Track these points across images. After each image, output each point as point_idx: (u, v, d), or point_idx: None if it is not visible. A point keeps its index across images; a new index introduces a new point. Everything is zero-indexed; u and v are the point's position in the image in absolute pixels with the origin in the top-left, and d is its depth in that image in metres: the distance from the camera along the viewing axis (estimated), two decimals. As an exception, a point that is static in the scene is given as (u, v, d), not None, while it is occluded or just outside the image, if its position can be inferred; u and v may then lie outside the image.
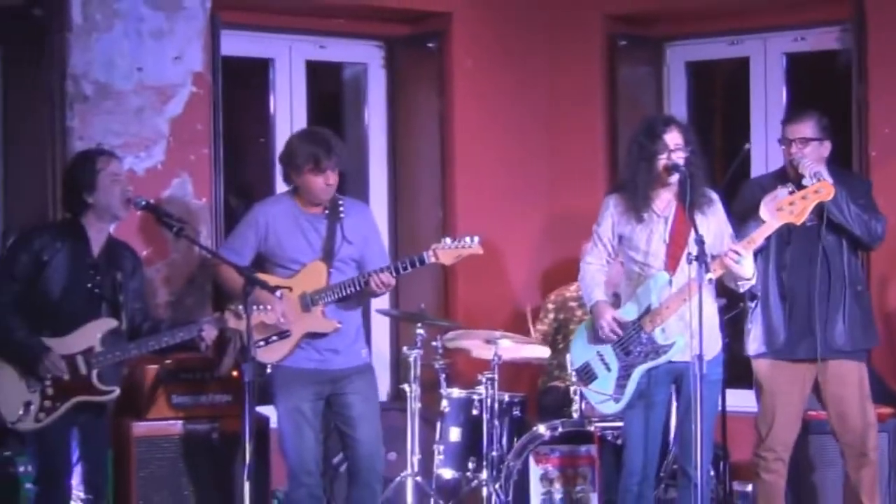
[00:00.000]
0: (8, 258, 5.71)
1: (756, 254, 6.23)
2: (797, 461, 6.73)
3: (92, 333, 5.67)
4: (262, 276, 6.05)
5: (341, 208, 6.27)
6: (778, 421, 6.40)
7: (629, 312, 6.10)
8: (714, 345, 6.06)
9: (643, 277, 6.09)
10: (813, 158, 6.23)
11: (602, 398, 6.16)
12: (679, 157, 5.93)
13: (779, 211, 5.86)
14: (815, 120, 6.32)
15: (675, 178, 5.95)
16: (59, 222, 6.00)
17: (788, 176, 6.27)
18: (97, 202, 5.69)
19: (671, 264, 6.02)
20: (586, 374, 6.25)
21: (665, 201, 6.07)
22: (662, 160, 5.93)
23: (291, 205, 6.25)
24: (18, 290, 5.61)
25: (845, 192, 6.13)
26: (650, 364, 6.05)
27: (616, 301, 6.30)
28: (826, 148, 6.32)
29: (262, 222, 6.22)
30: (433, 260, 6.16)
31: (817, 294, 6.28)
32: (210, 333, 5.80)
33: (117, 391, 5.74)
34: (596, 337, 6.16)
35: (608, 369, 6.15)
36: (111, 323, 5.72)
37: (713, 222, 6.04)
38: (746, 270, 5.91)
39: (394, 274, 6.13)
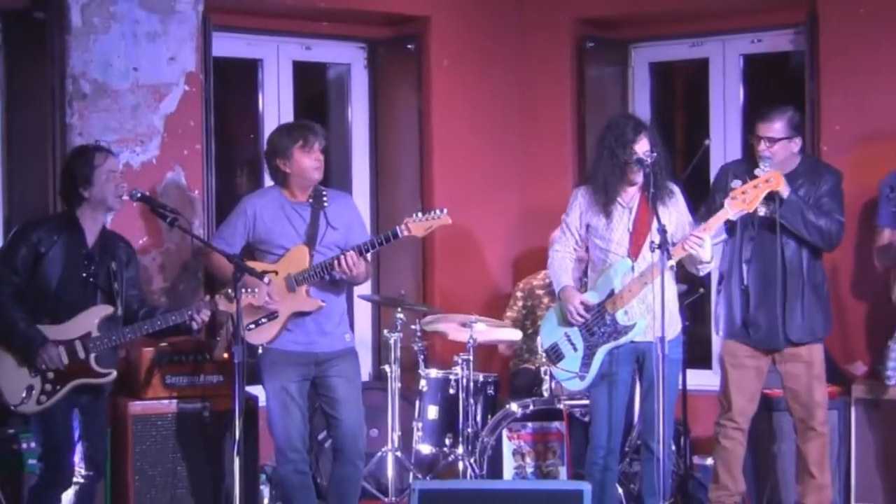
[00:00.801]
0: (8, 251, 5.68)
1: (725, 245, 6.31)
2: (757, 435, 6.78)
3: (90, 320, 5.67)
4: (251, 262, 6.08)
5: (325, 198, 6.27)
6: (737, 395, 6.44)
7: (594, 296, 6.14)
8: (674, 326, 6.11)
9: (608, 264, 6.13)
10: (781, 156, 6.24)
11: (569, 376, 6.23)
12: (647, 162, 5.95)
13: (732, 200, 5.91)
14: (786, 119, 6.29)
15: (640, 176, 5.99)
16: (55, 215, 5.98)
17: (756, 163, 6.29)
18: (93, 196, 5.68)
19: (633, 252, 6.07)
20: (555, 354, 6.30)
21: (630, 194, 6.11)
22: (632, 166, 5.98)
23: (278, 196, 6.25)
24: (20, 282, 5.59)
25: (800, 204, 6.14)
26: (613, 344, 6.10)
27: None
28: (796, 144, 6.32)
29: (250, 213, 6.22)
30: (406, 233, 6.12)
31: (776, 289, 6.29)
32: (201, 316, 5.79)
33: (114, 374, 5.74)
34: (564, 319, 6.20)
35: (574, 349, 6.20)
36: (107, 309, 5.71)
37: (674, 213, 6.09)
38: (705, 254, 5.96)
39: (361, 254, 6.10)
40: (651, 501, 6.17)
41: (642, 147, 5.98)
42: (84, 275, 5.69)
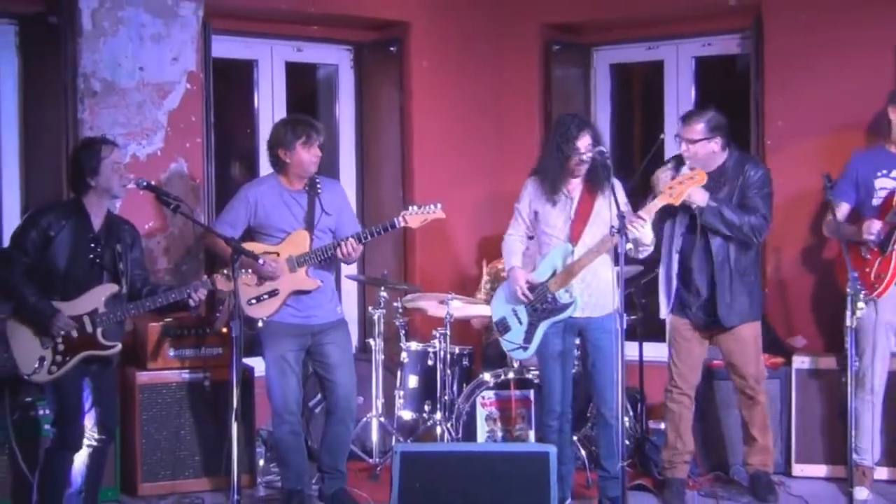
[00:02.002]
0: (20, 235, 5.64)
1: (671, 236, 6.33)
2: (705, 403, 6.81)
3: (97, 297, 5.65)
4: (250, 244, 6.10)
5: (319, 185, 6.28)
6: (682, 364, 6.46)
7: (539, 276, 6.20)
8: (610, 302, 6.11)
9: (551, 247, 6.20)
10: (701, 155, 6.23)
11: (513, 346, 6.32)
12: (588, 156, 6.02)
13: (661, 193, 5.97)
14: (705, 122, 6.24)
15: (581, 169, 6.07)
16: (64, 202, 5.94)
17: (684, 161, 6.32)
18: (99, 185, 5.65)
19: (574, 237, 6.14)
20: (503, 327, 6.36)
21: (573, 185, 6.17)
22: (574, 160, 6.03)
23: (276, 183, 6.24)
24: (30, 263, 5.57)
25: (719, 209, 6.12)
26: (553, 319, 6.17)
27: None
28: (716, 143, 6.24)
29: (251, 199, 6.21)
30: (403, 224, 6.15)
31: (704, 277, 6.29)
32: (198, 295, 5.78)
33: (119, 346, 5.71)
34: (512, 296, 6.26)
35: (520, 322, 6.28)
36: (113, 288, 5.69)
37: (606, 206, 6.10)
38: (646, 237, 6.01)
39: (360, 241, 6.12)
40: (608, 463, 6.21)
41: (584, 143, 6.02)
42: (91, 256, 5.66)
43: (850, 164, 6.56)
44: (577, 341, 6.38)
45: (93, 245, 5.67)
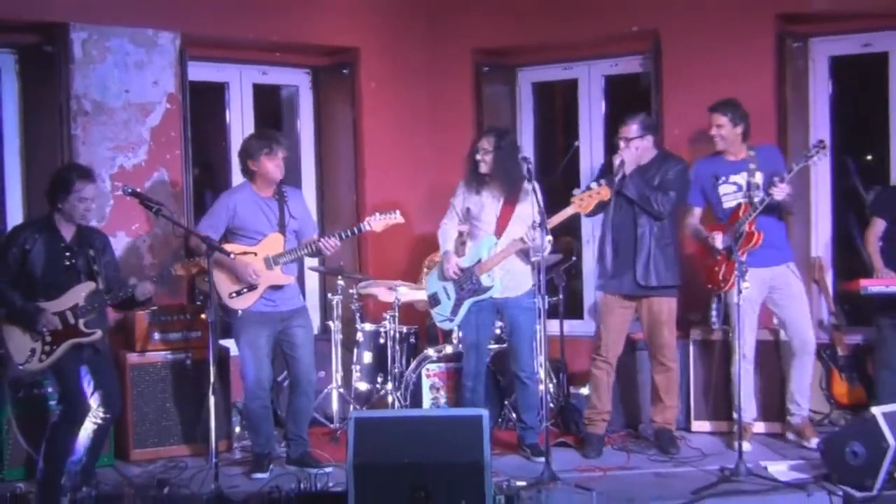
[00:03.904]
0: (2, 251, 5.66)
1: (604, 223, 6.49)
2: (625, 369, 6.85)
3: (78, 294, 5.66)
4: (230, 245, 6.11)
5: (285, 193, 6.30)
6: (606, 335, 6.52)
7: (466, 261, 6.37)
8: (525, 283, 6.35)
9: (479, 238, 6.37)
10: (637, 147, 6.35)
11: (442, 318, 6.49)
12: (487, 156, 6.28)
13: (572, 204, 6.11)
14: (639, 122, 6.40)
15: (488, 161, 6.29)
16: (37, 220, 5.88)
17: (609, 170, 6.39)
18: (64, 210, 5.65)
19: (498, 231, 6.32)
20: (434, 300, 6.52)
21: (500, 189, 6.31)
22: (478, 157, 6.29)
23: (250, 191, 6.23)
24: (13, 272, 5.59)
25: (636, 183, 6.26)
26: (476, 298, 6.34)
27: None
28: (648, 140, 6.40)
29: (230, 205, 6.19)
30: (368, 228, 6.25)
31: (631, 248, 6.38)
32: (143, 290, 5.77)
33: (99, 333, 5.69)
34: (443, 275, 6.42)
35: (448, 298, 6.44)
36: (91, 285, 5.70)
37: (526, 207, 6.24)
38: (541, 245, 5.99)
39: (340, 240, 6.19)
40: (526, 417, 6.44)
41: (483, 144, 6.33)
42: (66, 263, 5.67)
43: (693, 171, 6.65)
44: (499, 322, 6.58)
45: (67, 253, 5.68)
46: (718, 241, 6.36)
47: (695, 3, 7.38)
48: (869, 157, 7.80)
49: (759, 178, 6.39)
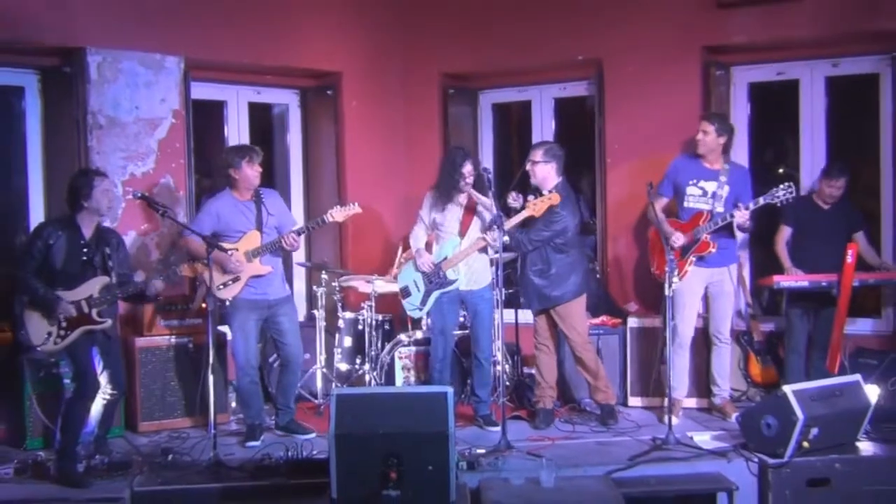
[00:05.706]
0: (28, 244, 5.62)
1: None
2: (561, 355, 6.81)
3: (93, 286, 5.63)
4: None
5: (262, 195, 6.28)
6: (541, 329, 6.53)
7: (436, 258, 6.37)
8: (485, 278, 6.37)
9: (445, 240, 6.37)
10: (538, 174, 6.29)
11: (412, 307, 6.50)
12: (470, 179, 6.24)
13: (526, 208, 6.15)
14: (545, 150, 6.31)
15: (468, 187, 6.26)
16: (60, 217, 5.82)
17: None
18: (90, 206, 5.61)
19: (462, 232, 6.34)
20: (405, 292, 6.52)
21: (461, 198, 6.34)
22: (461, 183, 6.23)
23: (231, 197, 6.21)
24: (36, 265, 5.54)
25: (523, 234, 6.25)
26: (442, 291, 6.37)
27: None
28: (551, 167, 6.29)
29: (214, 211, 6.17)
30: (331, 219, 6.21)
31: (535, 273, 6.38)
32: (154, 288, 5.77)
33: (109, 322, 5.67)
34: (415, 269, 6.42)
35: (418, 290, 6.44)
36: (105, 279, 5.66)
37: (486, 215, 6.29)
38: (498, 244, 5.96)
39: (299, 234, 6.15)
40: (480, 392, 6.48)
41: (468, 169, 6.24)
42: (84, 258, 5.63)
43: (670, 166, 6.62)
44: (463, 311, 6.58)
45: (85, 249, 5.64)
46: (679, 242, 6.36)
47: (632, 36, 7.41)
48: (780, 171, 7.85)
49: (725, 191, 6.38)
